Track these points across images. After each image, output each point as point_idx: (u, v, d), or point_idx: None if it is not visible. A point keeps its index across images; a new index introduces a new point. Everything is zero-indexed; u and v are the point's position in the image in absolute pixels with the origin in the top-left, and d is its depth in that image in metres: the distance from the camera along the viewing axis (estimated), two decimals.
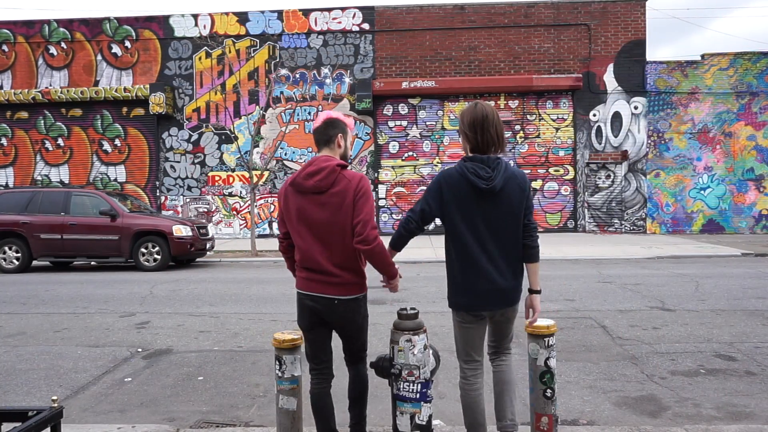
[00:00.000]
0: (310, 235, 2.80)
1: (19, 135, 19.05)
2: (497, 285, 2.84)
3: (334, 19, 18.25)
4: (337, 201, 2.75)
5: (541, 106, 18.06)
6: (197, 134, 18.66)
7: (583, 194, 17.91)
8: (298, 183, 2.81)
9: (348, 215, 2.74)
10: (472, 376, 2.99)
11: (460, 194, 2.80)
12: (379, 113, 18.34)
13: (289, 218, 2.87)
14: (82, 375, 4.89)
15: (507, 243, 2.85)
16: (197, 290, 9.07)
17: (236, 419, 3.92)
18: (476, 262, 2.82)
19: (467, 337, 2.99)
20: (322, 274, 2.81)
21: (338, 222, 2.76)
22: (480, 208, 2.80)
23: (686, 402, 4.03)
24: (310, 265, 2.83)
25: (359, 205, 2.74)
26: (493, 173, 2.78)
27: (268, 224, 18.63)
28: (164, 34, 18.59)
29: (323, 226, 2.77)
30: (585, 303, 7.39)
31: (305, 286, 2.88)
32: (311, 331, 2.95)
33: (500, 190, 2.78)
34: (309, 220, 2.79)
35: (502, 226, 2.82)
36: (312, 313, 2.89)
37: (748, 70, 17.56)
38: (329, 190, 2.75)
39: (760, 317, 6.41)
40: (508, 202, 2.82)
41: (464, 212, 2.81)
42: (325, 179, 2.75)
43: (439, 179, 2.89)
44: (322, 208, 2.76)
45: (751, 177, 17.69)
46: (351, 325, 2.94)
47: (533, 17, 17.97)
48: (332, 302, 2.83)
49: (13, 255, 12.11)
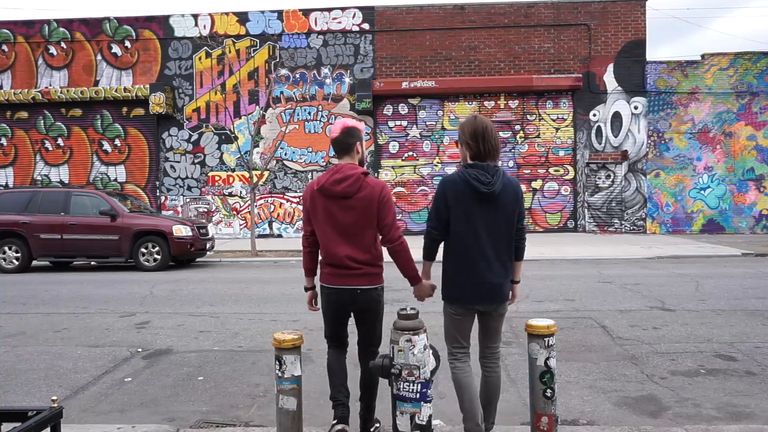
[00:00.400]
0: (336, 234, 3.16)
1: (19, 135, 19.06)
2: (491, 282, 3.08)
3: (334, 19, 18.25)
4: (362, 205, 3.12)
5: (541, 106, 18.06)
6: (197, 134, 18.66)
7: (583, 194, 17.92)
8: (327, 188, 3.13)
9: (371, 218, 3.14)
10: (461, 363, 3.21)
11: (463, 197, 3.03)
12: (379, 113, 18.34)
13: (316, 219, 3.21)
14: (82, 375, 4.89)
15: (502, 244, 3.10)
16: (197, 290, 9.07)
17: (236, 419, 3.92)
18: (474, 260, 3.06)
19: (458, 327, 3.21)
20: (345, 269, 3.16)
21: (362, 223, 3.14)
22: (480, 211, 3.04)
23: (686, 402, 4.03)
24: (334, 261, 3.18)
25: (383, 212, 3.15)
26: (492, 179, 3.02)
27: (268, 224, 18.63)
28: (164, 34, 18.59)
29: (349, 226, 3.14)
30: (585, 303, 7.39)
31: (330, 281, 3.23)
32: (334, 319, 3.33)
33: (498, 195, 3.03)
34: (336, 221, 3.15)
35: (498, 228, 3.07)
36: (337, 304, 3.26)
37: (748, 70, 17.56)
38: (355, 195, 3.11)
39: (760, 317, 6.41)
40: (504, 207, 3.07)
41: (466, 214, 3.04)
42: (351, 186, 3.11)
43: (443, 184, 3.11)
44: (348, 211, 3.13)
45: (751, 177, 17.69)
46: (370, 314, 3.29)
47: (533, 17, 17.98)
48: (355, 292, 3.19)
49: (13, 255, 12.11)
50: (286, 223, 18.62)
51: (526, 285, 8.81)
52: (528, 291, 8.32)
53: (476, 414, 3.09)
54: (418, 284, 3.29)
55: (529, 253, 13.23)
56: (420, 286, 3.29)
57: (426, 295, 3.33)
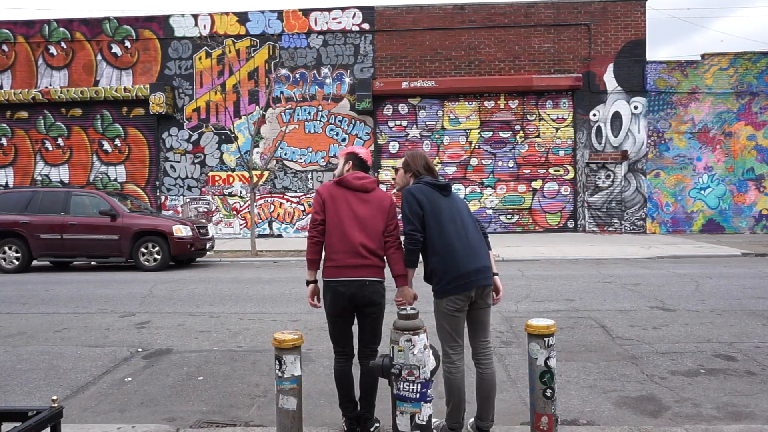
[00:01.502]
0: (353, 221, 3.40)
1: (19, 135, 19.05)
2: (477, 264, 3.31)
3: (334, 19, 18.25)
4: (377, 201, 3.47)
5: (541, 106, 18.06)
6: (197, 134, 18.66)
7: (583, 194, 17.92)
8: (348, 181, 3.48)
9: (383, 215, 3.46)
10: (457, 360, 3.32)
11: (432, 198, 3.37)
12: (379, 113, 18.34)
13: (334, 208, 3.44)
14: (82, 375, 4.89)
15: (474, 232, 3.42)
16: (197, 290, 9.07)
17: (236, 419, 3.92)
18: (456, 248, 3.32)
19: (454, 323, 3.33)
20: (357, 257, 3.34)
21: (374, 218, 3.43)
22: (447, 207, 3.39)
23: (686, 402, 4.03)
24: (347, 248, 3.35)
25: (392, 214, 3.52)
26: (443, 182, 3.52)
27: (268, 224, 18.63)
28: (164, 34, 18.59)
29: (364, 218, 3.41)
30: (585, 303, 7.39)
31: (337, 274, 3.37)
32: (340, 317, 3.45)
33: (452, 194, 3.49)
34: (353, 211, 3.42)
35: (467, 219, 3.43)
36: (345, 299, 3.36)
37: (749, 70, 17.56)
38: (372, 191, 3.50)
39: (760, 317, 6.41)
40: (462, 204, 3.52)
41: (440, 211, 3.35)
42: (370, 183, 3.52)
43: (409, 193, 3.40)
44: (364, 203, 3.45)
45: (751, 177, 17.69)
46: (375, 308, 3.43)
47: (533, 17, 17.97)
48: (364, 283, 3.34)
49: (13, 255, 12.11)
50: (286, 223, 18.62)
51: (526, 285, 8.82)
52: (528, 291, 8.32)
53: (460, 412, 3.30)
54: (404, 286, 3.43)
55: (529, 253, 13.25)
56: (406, 288, 3.44)
57: (408, 300, 3.42)
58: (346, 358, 3.52)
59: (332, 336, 3.54)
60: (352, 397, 3.51)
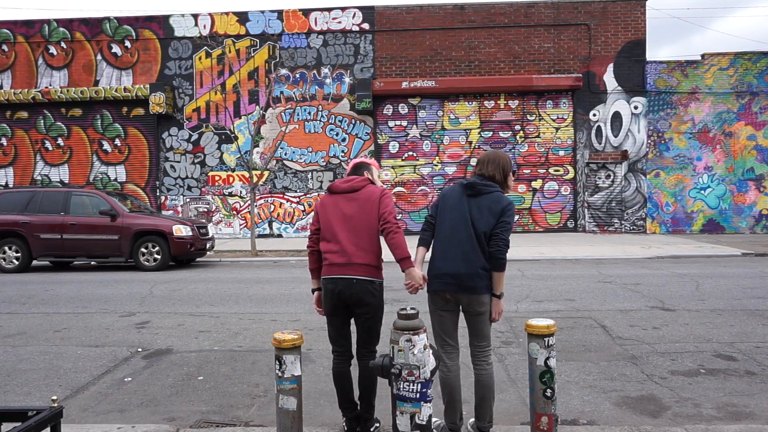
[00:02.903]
0: (341, 222, 3.44)
1: (19, 135, 19.06)
2: (447, 269, 3.32)
3: (334, 19, 18.25)
4: (364, 198, 3.47)
5: (541, 105, 18.06)
6: (197, 134, 18.66)
7: (583, 194, 17.92)
8: (336, 186, 3.57)
9: (373, 211, 3.43)
10: (449, 360, 3.36)
11: (452, 195, 3.48)
12: (379, 113, 18.34)
13: (324, 213, 3.52)
14: (82, 375, 4.89)
15: (467, 237, 3.33)
16: (197, 290, 9.07)
17: (236, 419, 3.92)
18: (437, 247, 3.43)
19: (439, 323, 3.41)
20: (345, 254, 3.37)
21: (363, 215, 3.43)
22: (459, 206, 3.40)
23: (686, 402, 4.03)
24: (336, 248, 3.40)
25: (383, 203, 3.46)
26: (468, 181, 3.52)
27: (268, 224, 18.63)
28: (164, 34, 18.59)
29: (352, 217, 3.44)
30: (585, 303, 7.39)
31: (327, 272, 3.44)
32: (333, 315, 3.49)
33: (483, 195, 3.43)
34: (342, 212, 3.47)
35: (468, 224, 3.37)
36: (334, 296, 3.40)
37: (749, 70, 17.56)
38: (359, 191, 3.50)
39: (760, 317, 6.40)
40: (485, 209, 3.41)
41: (446, 208, 3.45)
42: (357, 184, 3.54)
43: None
44: (352, 202, 3.48)
45: (751, 177, 17.69)
46: (366, 307, 3.40)
47: (533, 17, 17.97)
48: (351, 281, 3.35)
49: (13, 255, 12.11)
50: (286, 222, 18.62)
51: (526, 285, 8.81)
52: (528, 291, 8.32)
53: (455, 412, 3.35)
54: (410, 268, 3.37)
55: (529, 253, 13.24)
56: (413, 270, 3.38)
57: (417, 281, 3.37)
58: (343, 358, 3.55)
59: (329, 335, 3.59)
60: (351, 398, 3.53)
